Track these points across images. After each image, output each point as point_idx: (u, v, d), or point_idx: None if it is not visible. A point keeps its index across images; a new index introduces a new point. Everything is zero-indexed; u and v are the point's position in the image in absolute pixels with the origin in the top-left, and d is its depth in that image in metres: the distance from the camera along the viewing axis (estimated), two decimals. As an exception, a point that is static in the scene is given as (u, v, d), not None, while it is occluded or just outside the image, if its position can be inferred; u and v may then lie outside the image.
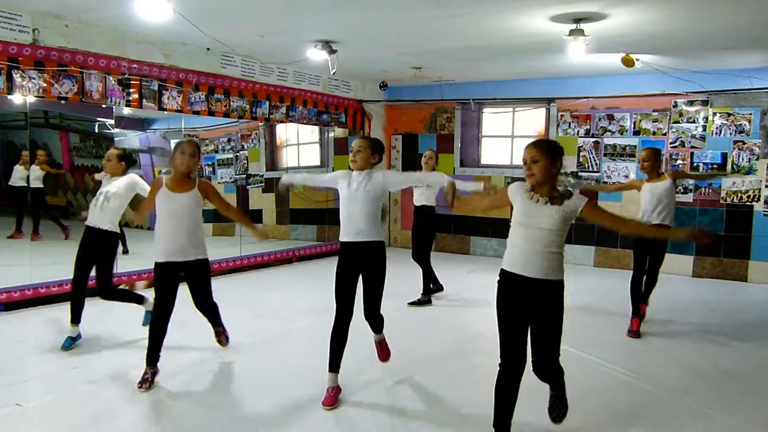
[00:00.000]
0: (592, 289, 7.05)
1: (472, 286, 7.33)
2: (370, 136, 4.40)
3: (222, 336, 4.72)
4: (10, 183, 7.34)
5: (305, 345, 5.03)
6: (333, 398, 3.72)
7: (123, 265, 6.58)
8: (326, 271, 8.29)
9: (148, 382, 3.92)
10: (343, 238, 3.80)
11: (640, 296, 5.36)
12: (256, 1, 5.19)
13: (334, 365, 3.80)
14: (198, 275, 4.20)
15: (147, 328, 4.12)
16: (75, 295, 4.78)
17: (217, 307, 4.56)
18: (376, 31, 6.25)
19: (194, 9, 5.33)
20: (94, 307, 5.98)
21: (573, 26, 5.56)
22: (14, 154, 7.23)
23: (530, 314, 3.06)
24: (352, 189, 3.76)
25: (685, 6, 5.02)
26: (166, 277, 4.01)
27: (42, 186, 7.29)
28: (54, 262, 6.73)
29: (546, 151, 2.99)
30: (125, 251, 7.13)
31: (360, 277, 3.81)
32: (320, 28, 6.18)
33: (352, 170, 3.84)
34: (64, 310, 5.80)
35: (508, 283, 3.09)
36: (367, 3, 5.16)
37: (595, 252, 8.77)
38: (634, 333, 5.25)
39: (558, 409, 3.37)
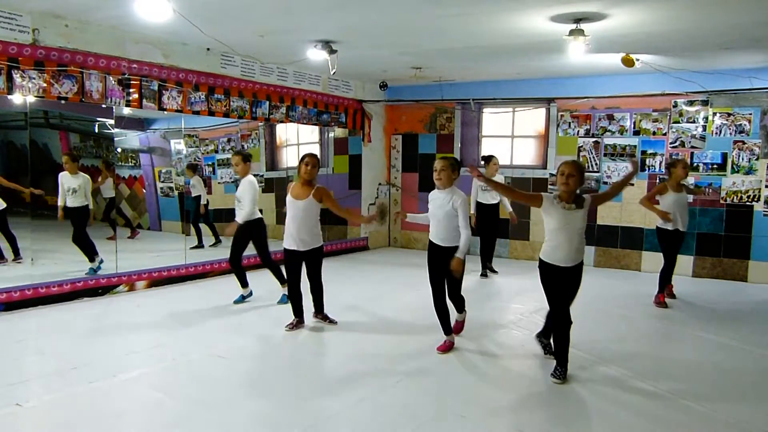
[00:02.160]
0: (593, 289, 7.04)
1: (472, 285, 7.32)
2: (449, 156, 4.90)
3: (326, 320, 5.50)
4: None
5: (307, 346, 5.03)
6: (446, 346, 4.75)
7: (122, 265, 6.59)
8: (327, 271, 8.27)
9: (291, 325, 5.29)
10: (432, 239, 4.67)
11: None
12: (256, 1, 5.19)
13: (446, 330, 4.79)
14: (313, 259, 5.27)
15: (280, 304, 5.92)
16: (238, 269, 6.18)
17: (322, 290, 5.41)
18: (376, 31, 6.25)
19: (194, 9, 5.33)
20: (94, 308, 5.99)
21: (573, 26, 5.56)
22: (14, 155, 7.23)
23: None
24: (435, 206, 4.61)
25: (685, 6, 5.02)
26: (291, 260, 5.20)
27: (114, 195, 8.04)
28: (54, 262, 6.74)
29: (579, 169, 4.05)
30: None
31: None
32: (320, 28, 6.18)
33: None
34: (64, 309, 5.82)
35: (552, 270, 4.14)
36: (367, 3, 5.16)
37: (595, 252, 8.77)
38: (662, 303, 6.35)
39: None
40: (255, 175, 6.16)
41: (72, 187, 6.65)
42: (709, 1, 4.91)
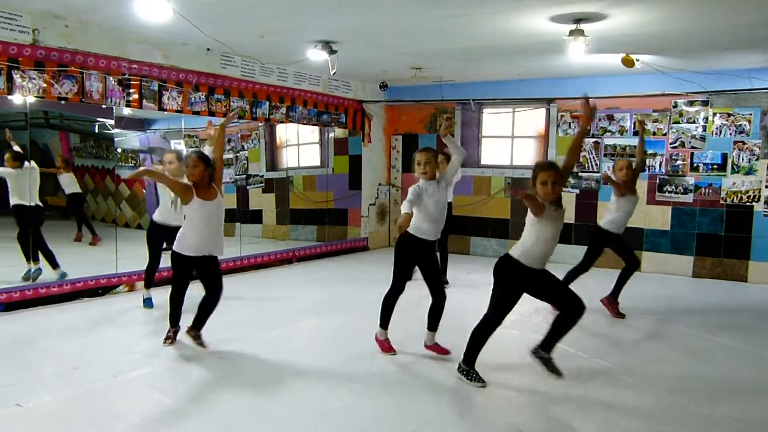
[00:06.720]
0: (591, 289, 7.04)
1: (472, 286, 7.32)
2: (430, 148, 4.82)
3: (198, 340, 4.75)
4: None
5: (307, 346, 5.02)
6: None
7: (122, 265, 6.59)
8: (327, 271, 8.34)
9: (171, 339, 4.75)
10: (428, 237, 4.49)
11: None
12: (256, 2, 5.19)
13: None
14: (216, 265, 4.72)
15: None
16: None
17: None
18: (376, 31, 6.25)
19: (194, 9, 5.34)
20: (94, 308, 5.99)
21: (573, 26, 5.57)
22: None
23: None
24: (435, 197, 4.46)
25: (685, 6, 5.03)
26: (184, 267, 4.69)
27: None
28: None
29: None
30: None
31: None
32: (320, 28, 6.18)
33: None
34: (64, 309, 5.82)
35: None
36: (367, 3, 5.16)
37: (595, 252, 8.74)
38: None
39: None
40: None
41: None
42: (709, 2, 4.91)
